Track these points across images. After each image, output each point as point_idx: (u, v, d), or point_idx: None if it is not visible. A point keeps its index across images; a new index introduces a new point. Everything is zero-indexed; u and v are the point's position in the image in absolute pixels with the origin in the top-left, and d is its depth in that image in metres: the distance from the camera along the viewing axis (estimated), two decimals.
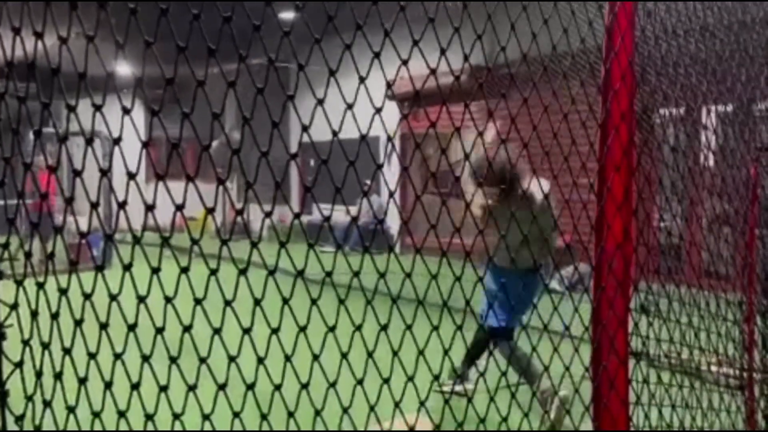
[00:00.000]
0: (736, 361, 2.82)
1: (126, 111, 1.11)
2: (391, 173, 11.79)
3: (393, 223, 12.40)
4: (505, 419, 1.61)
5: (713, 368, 2.94)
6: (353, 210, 1.59)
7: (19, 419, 1.30)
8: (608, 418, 1.85)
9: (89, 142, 1.13)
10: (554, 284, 6.75)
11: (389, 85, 1.37)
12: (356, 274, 1.37)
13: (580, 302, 1.76)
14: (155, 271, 1.18)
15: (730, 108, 2.62)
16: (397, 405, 1.43)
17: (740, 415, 2.75)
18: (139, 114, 1.21)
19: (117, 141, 1.12)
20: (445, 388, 4.16)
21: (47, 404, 1.27)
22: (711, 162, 2.56)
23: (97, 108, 1.11)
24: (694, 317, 2.35)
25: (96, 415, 1.22)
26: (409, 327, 1.40)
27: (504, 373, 1.66)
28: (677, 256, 2.42)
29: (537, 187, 3.49)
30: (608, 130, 1.79)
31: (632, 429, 1.94)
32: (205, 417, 1.23)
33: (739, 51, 2.42)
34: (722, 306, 2.53)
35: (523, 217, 1.75)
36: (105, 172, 1.14)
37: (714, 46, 2.33)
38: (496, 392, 1.62)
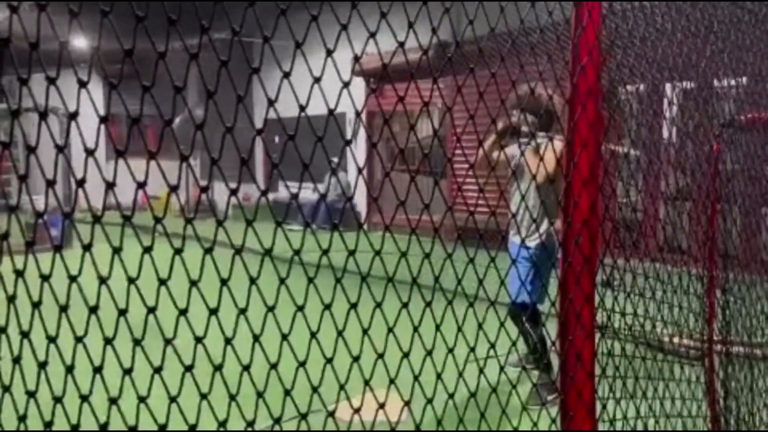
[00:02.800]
0: (697, 333, 2.89)
1: (82, 84, 1.06)
2: (358, 150, 11.75)
3: (359, 200, 12.37)
4: (473, 395, 1.62)
5: (675, 340, 3.02)
6: (320, 187, 1.56)
7: None
8: (574, 390, 1.88)
9: (43, 116, 1.08)
10: None
11: (357, 59, 1.34)
12: (325, 252, 1.35)
13: (548, 277, 1.77)
14: (117, 250, 1.14)
15: (693, 84, 2.64)
16: (366, 382, 1.42)
17: (700, 385, 2.83)
18: (97, 90, 1.16)
19: (73, 116, 1.07)
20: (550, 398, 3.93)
21: (6, 389, 1.23)
22: (674, 137, 2.59)
23: (51, 81, 1.06)
24: (657, 291, 2.39)
25: (57, 399, 1.19)
26: (378, 305, 1.39)
27: (493, 345, 1.65)
28: (640, 231, 2.45)
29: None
30: (575, 105, 1.79)
31: (597, 399, 1.97)
32: (172, 399, 1.20)
33: (704, 27, 2.44)
34: (684, 279, 2.59)
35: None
36: (61, 149, 1.09)
37: (680, 22, 2.34)
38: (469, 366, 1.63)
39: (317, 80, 1.23)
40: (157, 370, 1.20)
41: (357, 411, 1.41)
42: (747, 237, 2.93)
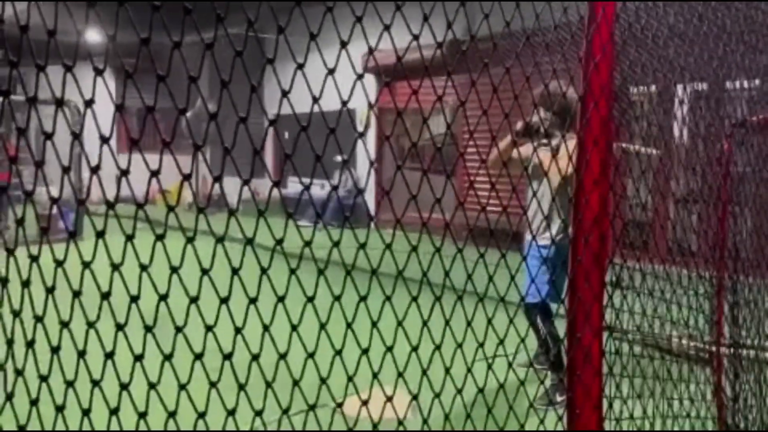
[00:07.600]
0: (705, 334, 2.88)
1: (98, 72, 1.07)
2: (368, 146, 11.75)
3: (368, 196, 12.35)
4: (481, 390, 1.62)
5: (684, 341, 3.01)
6: (329, 184, 1.56)
7: None
8: (581, 388, 1.88)
9: (59, 104, 1.09)
10: None
11: (371, 51, 1.34)
12: (336, 244, 1.36)
13: (561, 278, 1.77)
14: (129, 237, 1.15)
15: (705, 85, 2.63)
16: (375, 376, 1.42)
17: (708, 386, 2.82)
18: (110, 83, 1.17)
19: (89, 103, 1.08)
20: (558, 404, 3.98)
21: (19, 373, 1.25)
22: (685, 138, 2.58)
23: (68, 68, 1.07)
24: (666, 292, 2.38)
25: (69, 384, 1.20)
26: (388, 298, 1.39)
27: (501, 342, 1.65)
28: (650, 232, 2.44)
29: None
30: (587, 103, 1.79)
31: (604, 398, 1.97)
32: (182, 386, 1.21)
33: (717, 26, 2.42)
34: (693, 281, 2.58)
35: None
36: (77, 135, 1.10)
37: (693, 21, 2.33)
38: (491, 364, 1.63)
39: (331, 72, 1.23)
40: (168, 357, 1.21)
41: (365, 403, 1.41)
42: (758, 239, 2.91)
